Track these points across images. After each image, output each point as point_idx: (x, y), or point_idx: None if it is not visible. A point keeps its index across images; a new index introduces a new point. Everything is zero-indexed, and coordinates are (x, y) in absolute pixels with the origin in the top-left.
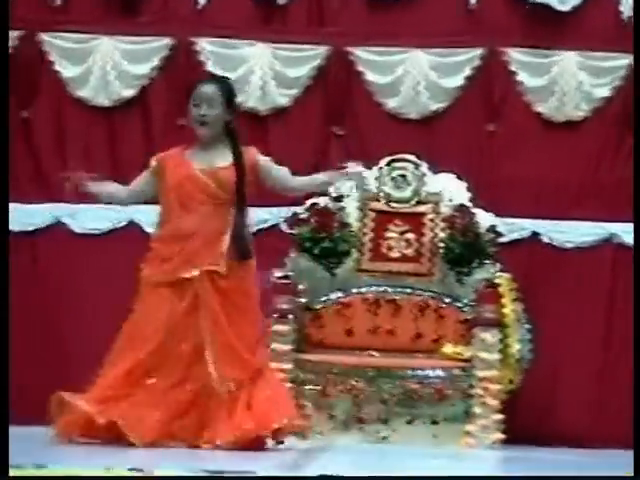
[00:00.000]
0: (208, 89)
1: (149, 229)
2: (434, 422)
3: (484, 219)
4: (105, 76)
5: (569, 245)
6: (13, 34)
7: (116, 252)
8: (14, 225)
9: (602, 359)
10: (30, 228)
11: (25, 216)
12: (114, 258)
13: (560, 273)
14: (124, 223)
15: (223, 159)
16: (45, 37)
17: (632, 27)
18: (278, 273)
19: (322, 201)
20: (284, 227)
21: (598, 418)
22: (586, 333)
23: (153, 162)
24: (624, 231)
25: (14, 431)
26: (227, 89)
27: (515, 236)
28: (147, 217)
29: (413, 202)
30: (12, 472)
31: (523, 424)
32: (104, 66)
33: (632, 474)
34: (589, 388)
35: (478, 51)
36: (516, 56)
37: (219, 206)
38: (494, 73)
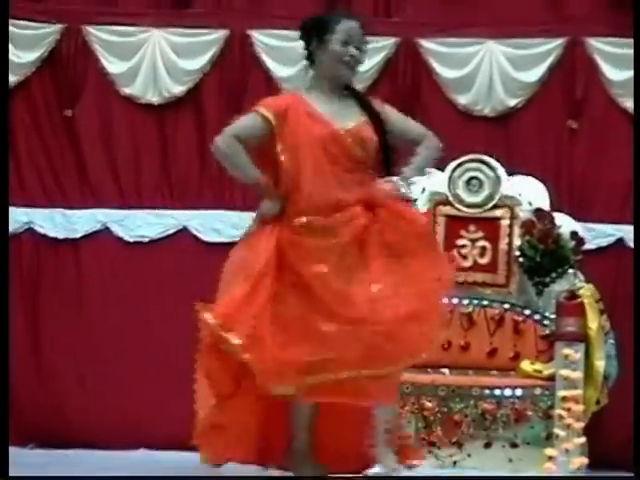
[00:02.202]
0: (357, 27)
1: (203, 236)
2: (513, 445)
3: (565, 225)
4: (155, 72)
5: None
6: (56, 28)
7: (166, 261)
8: (58, 232)
9: None
10: (75, 235)
11: (70, 222)
12: (163, 267)
13: None
14: (175, 230)
15: (352, 115)
16: (90, 30)
17: None
18: None
19: None
20: None
21: None
22: None
23: (268, 114)
24: None
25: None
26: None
27: (600, 243)
28: (201, 224)
29: (487, 206)
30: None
31: (609, 448)
32: (154, 61)
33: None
34: None
35: (559, 41)
36: (601, 47)
37: (365, 174)
38: (576, 65)
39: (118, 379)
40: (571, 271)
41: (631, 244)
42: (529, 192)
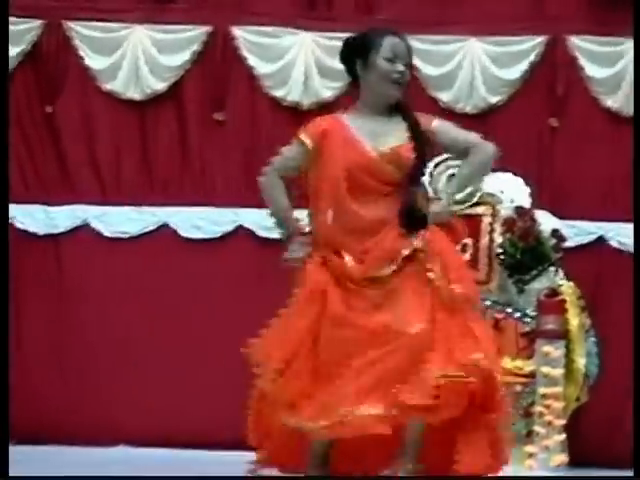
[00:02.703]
0: (401, 43)
1: (183, 233)
2: None
3: (546, 222)
4: (136, 68)
5: None
6: (36, 23)
7: (147, 257)
8: (39, 227)
9: None
10: (55, 231)
11: (50, 218)
12: (144, 263)
13: (630, 281)
14: (155, 226)
15: (396, 133)
16: (72, 26)
17: None
18: None
19: None
20: None
21: None
22: None
23: (306, 139)
24: None
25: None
26: (411, 48)
27: (580, 240)
28: (182, 220)
29: (469, 203)
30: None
31: (589, 445)
32: (135, 57)
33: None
34: None
35: (540, 39)
36: (583, 45)
37: (395, 188)
38: (558, 63)
39: (97, 375)
40: (552, 269)
41: (612, 242)
42: (510, 190)
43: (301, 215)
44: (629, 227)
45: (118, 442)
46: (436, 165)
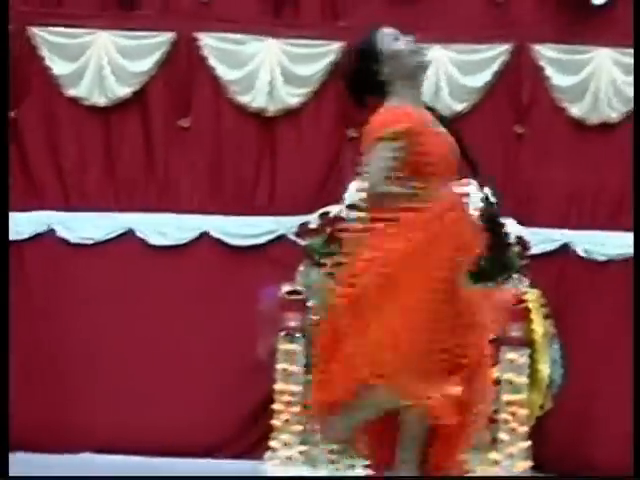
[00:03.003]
0: (390, 30)
1: (148, 239)
2: None
3: (511, 229)
4: (101, 73)
5: (603, 258)
6: None
7: (111, 263)
8: None
9: None
10: (19, 237)
11: (15, 224)
12: (109, 269)
13: (594, 289)
14: (121, 232)
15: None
16: (36, 31)
17: None
18: (287, 288)
19: (335, 210)
20: (293, 238)
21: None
22: (622, 354)
23: (400, 128)
24: None
25: None
26: None
27: (545, 248)
28: (147, 226)
29: None
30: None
31: (553, 452)
32: (100, 63)
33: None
34: (625, 414)
35: (505, 47)
36: (547, 53)
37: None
38: (522, 71)
39: (61, 379)
40: (516, 276)
41: (576, 249)
42: (475, 197)
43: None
44: (593, 234)
45: (82, 449)
46: None
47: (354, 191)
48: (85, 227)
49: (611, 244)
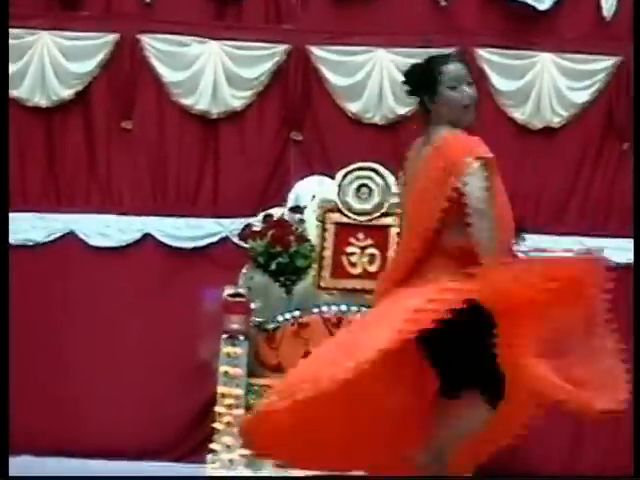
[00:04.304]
0: (461, 66)
1: (90, 240)
2: None
3: None
4: (43, 74)
5: None
6: None
7: (52, 265)
8: None
9: None
10: None
11: None
12: (50, 271)
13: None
14: (61, 234)
15: None
16: None
17: (614, 27)
18: (230, 290)
19: (278, 212)
20: (236, 240)
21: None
22: None
23: (488, 155)
24: (605, 246)
25: None
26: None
27: None
28: (88, 228)
29: (377, 214)
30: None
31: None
32: (42, 64)
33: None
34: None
35: (448, 51)
36: (489, 57)
37: None
38: None
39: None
40: None
41: (517, 253)
42: None
43: None
44: (534, 238)
45: (22, 452)
46: (344, 176)
47: (297, 193)
48: (25, 228)
49: (555, 247)
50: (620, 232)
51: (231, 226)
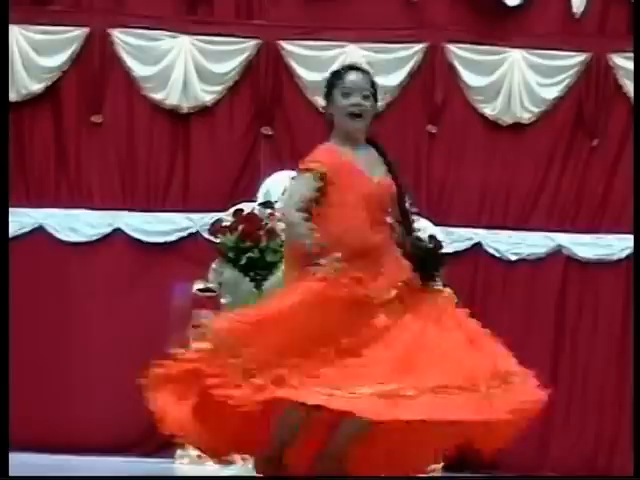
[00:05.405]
0: (361, 76)
1: (59, 235)
2: None
3: (423, 228)
4: (13, 69)
5: (515, 257)
6: None
7: (21, 259)
8: None
9: (551, 377)
10: None
11: None
12: (19, 266)
13: (506, 287)
14: (31, 228)
15: (378, 166)
16: None
17: (583, 24)
18: (199, 285)
19: (248, 207)
20: (207, 235)
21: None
22: (534, 350)
23: (321, 169)
24: (574, 242)
25: None
26: (373, 81)
27: (458, 247)
28: (58, 223)
29: None
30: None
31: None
32: (11, 58)
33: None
34: None
35: (419, 47)
36: (460, 53)
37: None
38: (436, 71)
39: None
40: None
41: (488, 248)
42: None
43: None
44: (504, 234)
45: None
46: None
47: (268, 188)
48: None
49: (520, 243)
50: (589, 228)
51: (201, 221)
